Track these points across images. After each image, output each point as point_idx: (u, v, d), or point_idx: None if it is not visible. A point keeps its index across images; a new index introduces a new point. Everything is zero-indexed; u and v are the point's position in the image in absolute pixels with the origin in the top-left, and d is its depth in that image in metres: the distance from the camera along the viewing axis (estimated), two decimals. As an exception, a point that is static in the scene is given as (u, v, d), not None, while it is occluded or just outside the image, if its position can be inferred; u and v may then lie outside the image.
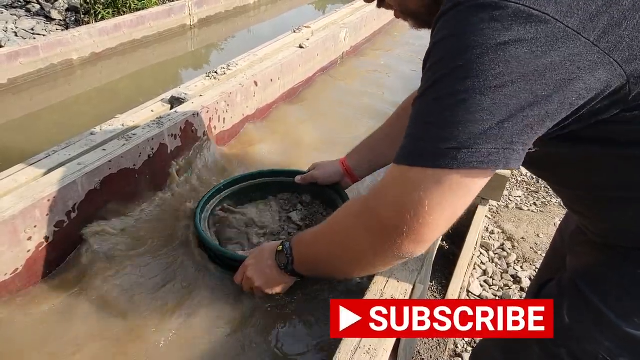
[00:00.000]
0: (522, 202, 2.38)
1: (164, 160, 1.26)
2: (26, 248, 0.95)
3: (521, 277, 1.90)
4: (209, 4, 3.79)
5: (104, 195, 1.09)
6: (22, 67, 2.32)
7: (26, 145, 1.95)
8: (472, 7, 0.50)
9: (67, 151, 1.13)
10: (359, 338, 0.69)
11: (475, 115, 0.50)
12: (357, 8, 2.76)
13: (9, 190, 0.98)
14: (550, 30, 0.48)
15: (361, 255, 0.69)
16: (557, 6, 0.48)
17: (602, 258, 0.70)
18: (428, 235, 0.58)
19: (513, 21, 0.48)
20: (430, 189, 0.55)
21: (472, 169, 0.53)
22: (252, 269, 0.87)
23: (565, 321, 0.69)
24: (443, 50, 0.53)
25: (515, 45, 0.48)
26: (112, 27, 2.85)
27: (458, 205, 0.57)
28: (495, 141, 0.51)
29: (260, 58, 1.84)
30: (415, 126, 0.57)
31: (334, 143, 1.59)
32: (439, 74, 0.53)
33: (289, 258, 0.81)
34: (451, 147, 0.52)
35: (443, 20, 0.54)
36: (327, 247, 0.76)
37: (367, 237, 0.65)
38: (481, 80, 0.50)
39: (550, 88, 0.50)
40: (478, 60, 0.49)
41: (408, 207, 0.57)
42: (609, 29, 0.48)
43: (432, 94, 0.54)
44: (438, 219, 0.57)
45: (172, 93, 1.47)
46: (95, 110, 2.33)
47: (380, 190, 0.63)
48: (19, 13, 3.68)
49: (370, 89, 2.12)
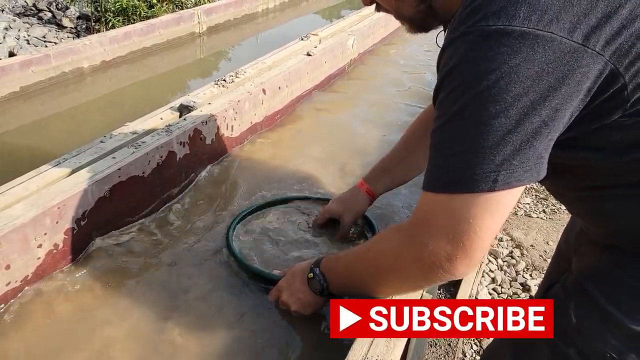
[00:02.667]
0: (531, 209, 2.36)
1: (173, 168, 1.27)
2: (36, 255, 0.96)
3: (530, 285, 1.89)
4: (218, 12, 3.83)
5: (113, 203, 1.10)
6: (34, 75, 2.35)
7: (36, 150, 1.98)
8: (480, 35, 0.53)
9: (78, 159, 1.14)
10: (366, 348, 0.69)
11: (504, 137, 0.53)
12: (365, 15, 2.77)
13: (20, 198, 0.99)
14: (557, 47, 0.50)
15: (409, 284, 0.71)
16: (560, 24, 0.50)
17: (606, 258, 0.71)
18: (479, 256, 0.61)
19: (521, 44, 0.50)
20: (479, 214, 0.57)
21: (512, 188, 0.55)
22: (286, 293, 0.89)
23: (572, 321, 0.70)
24: (458, 79, 0.56)
25: (527, 66, 0.51)
26: (123, 35, 2.88)
27: (502, 222, 0.60)
28: (528, 159, 0.54)
29: (268, 66, 1.86)
30: (444, 155, 0.59)
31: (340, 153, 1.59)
32: (460, 102, 0.55)
33: (323, 284, 0.83)
34: (490, 171, 0.54)
35: (452, 48, 0.56)
36: (369, 275, 0.76)
37: (419, 269, 0.65)
38: (502, 104, 0.52)
39: (566, 100, 0.53)
40: (495, 85, 0.52)
41: (461, 236, 0.58)
42: (611, 39, 0.51)
43: (455, 122, 0.56)
44: (487, 239, 0.59)
45: (181, 101, 1.48)
46: (104, 117, 2.35)
47: (424, 222, 0.64)
48: (31, 21, 3.74)
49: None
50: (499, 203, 0.57)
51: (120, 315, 0.92)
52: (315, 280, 0.84)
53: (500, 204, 0.57)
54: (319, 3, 5.50)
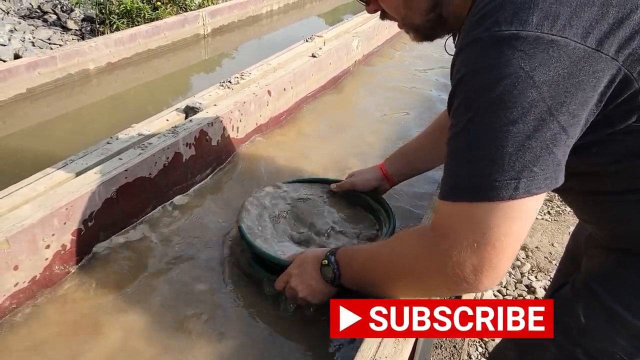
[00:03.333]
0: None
1: (179, 169, 1.27)
2: (44, 256, 0.96)
3: (535, 287, 1.88)
4: (222, 13, 3.83)
5: (120, 204, 1.10)
6: (40, 77, 2.36)
7: (43, 151, 1.98)
8: (494, 40, 0.52)
9: (84, 160, 1.15)
10: (374, 349, 0.69)
11: (523, 144, 0.52)
12: (369, 17, 2.77)
13: (28, 199, 0.99)
14: (572, 51, 0.50)
15: (428, 291, 0.70)
16: (574, 29, 0.50)
17: (614, 260, 0.71)
18: (505, 267, 0.59)
19: (535, 49, 0.50)
20: (502, 222, 0.55)
21: (533, 195, 0.54)
22: (296, 279, 0.87)
23: (581, 321, 0.70)
24: (473, 86, 0.55)
25: (542, 71, 0.50)
26: (128, 37, 2.89)
27: (526, 229, 0.58)
28: (548, 166, 0.53)
29: (273, 67, 1.86)
30: (461, 163, 0.57)
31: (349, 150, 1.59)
32: (475, 109, 0.55)
33: (336, 273, 0.82)
34: (510, 179, 0.53)
35: (464, 55, 0.56)
36: (387, 276, 0.75)
37: (443, 280, 0.63)
38: (519, 109, 0.52)
39: (583, 105, 0.52)
40: (511, 91, 0.51)
41: (485, 246, 0.57)
42: (624, 44, 0.51)
43: (472, 129, 0.56)
44: (513, 249, 0.58)
45: (186, 102, 1.49)
46: (110, 118, 2.36)
47: (447, 233, 0.61)
48: (36, 23, 3.76)
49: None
50: (521, 210, 0.55)
51: (126, 316, 0.93)
52: (329, 268, 0.82)
53: (522, 210, 0.55)
54: (323, 5, 5.50)
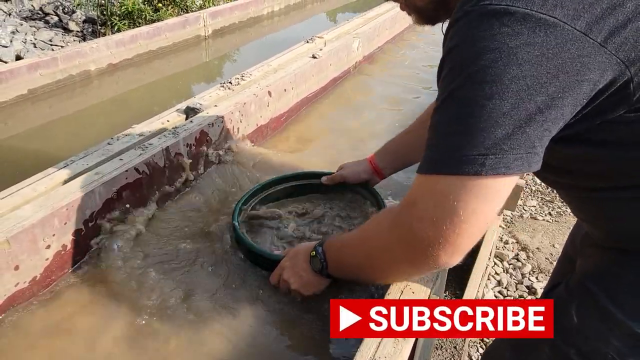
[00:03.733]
0: (537, 212, 2.35)
1: (180, 170, 1.28)
2: (44, 256, 0.96)
3: (536, 287, 1.88)
4: (223, 15, 3.84)
5: (120, 204, 1.11)
6: (42, 78, 2.37)
7: (44, 152, 1.99)
8: (482, 14, 0.52)
9: (85, 161, 1.15)
10: (373, 350, 0.69)
11: (497, 120, 0.51)
12: (370, 18, 2.78)
13: (28, 199, 1.00)
14: (559, 32, 0.49)
15: (396, 268, 0.70)
16: (564, 10, 0.49)
17: (609, 259, 0.71)
18: (464, 245, 0.58)
19: (522, 26, 0.49)
20: (463, 197, 0.55)
21: (500, 175, 0.53)
22: (288, 271, 0.89)
23: (574, 321, 0.70)
24: (457, 58, 0.55)
25: (527, 49, 0.50)
26: (129, 39, 2.90)
27: (490, 211, 0.57)
28: (520, 146, 0.52)
29: (274, 68, 1.86)
30: (438, 136, 0.57)
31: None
32: (456, 81, 0.54)
33: (323, 263, 0.83)
34: (478, 154, 0.52)
35: (455, 29, 0.56)
36: (361, 256, 0.76)
37: (403, 251, 0.64)
38: (498, 85, 0.51)
39: (564, 89, 0.51)
40: (493, 65, 0.51)
41: (443, 219, 0.56)
42: (614, 31, 0.50)
43: (451, 102, 0.55)
44: (473, 227, 0.57)
45: (187, 103, 1.49)
46: (111, 119, 2.37)
47: (411, 203, 0.62)
48: (38, 25, 3.77)
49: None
50: (488, 189, 0.54)
51: (128, 316, 0.93)
52: (317, 258, 0.84)
53: (489, 189, 0.54)
54: (323, 6, 5.51)
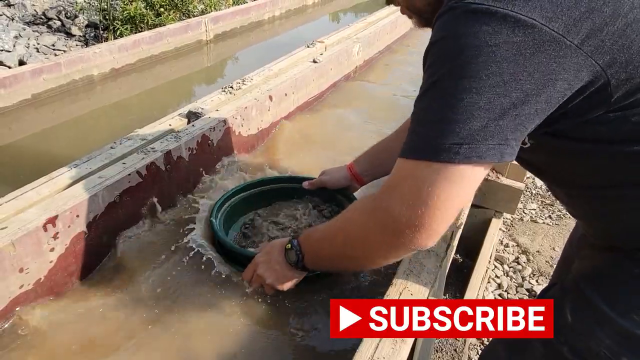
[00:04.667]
0: (537, 215, 2.36)
1: (182, 173, 1.29)
2: (48, 259, 0.98)
3: (537, 290, 1.89)
4: (225, 20, 3.87)
5: (123, 208, 1.12)
6: (45, 82, 2.39)
7: (47, 156, 2.01)
8: (466, 11, 0.55)
9: (88, 165, 1.17)
10: (372, 350, 0.70)
11: (473, 112, 0.55)
12: (370, 22, 2.79)
13: (33, 203, 1.01)
14: (537, 33, 0.52)
15: (374, 251, 0.71)
16: (543, 12, 0.52)
17: (602, 259, 0.73)
18: (439, 227, 0.61)
19: (502, 25, 0.52)
20: (438, 182, 0.58)
21: (473, 163, 0.57)
22: (263, 266, 0.90)
23: (568, 320, 0.72)
24: (440, 52, 0.58)
25: (505, 47, 0.52)
26: (132, 44, 2.92)
27: (463, 196, 0.61)
28: (492, 138, 0.55)
29: (274, 73, 1.88)
30: (419, 123, 0.61)
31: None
32: (438, 74, 0.57)
33: (299, 255, 0.84)
34: (454, 143, 0.56)
35: (439, 22, 0.59)
36: (339, 244, 0.77)
37: (380, 233, 0.66)
38: (476, 80, 0.54)
39: (538, 87, 0.54)
40: (472, 61, 0.54)
41: (419, 202, 0.60)
42: (591, 34, 0.53)
43: (432, 92, 0.58)
44: (447, 210, 0.60)
45: (189, 108, 1.51)
46: (113, 124, 2.39)
47: (390, 186, 0.65)
48: (41, 29, 3.80)
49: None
50: (461, 176, 0.58)
51: (131, 318, 0.94)
52: (292, 251, 0.85)
53: (462, 177, 0.58)
54: (323, 10, 5.54)
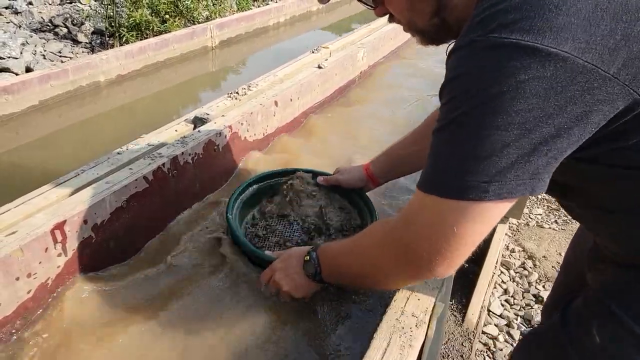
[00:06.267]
0: (543, 220, 2.35)
1: (188, 179, 1.30)
2: (56, 264, 0.98)
3: (543, 296, 1.87)
4: (230, 26, 3.89)
5: (129, 213, 1.12)
6: (53, 89, 2.42)
7: (54, 161, 2.02)
8: (490, 46, 0.52)
9: (96, 170, 1.17)
10: (379, 356, 0.70)
11: (502, 150, 0.52)
12: (374, 28, 2.80)
13: (41, 208, 1.02)
14: (569, 66, 0.49)
15: (391, 278, 0.72)
16: (575, 43, 0.49)
17: (628, 276, 0.70)
18: (460, 259, 0.61)
19: (531, 60, 0.49)
20: (462, 220, 0.57)
21: (502, 200, 0.55)
22: (280, 273, 0.91)
23: (596, 341, 0.69)
24: (463, 86, 0.55)
25: (535, 82, 0.50)
26: (138, 50, 2.95)
27: (486, 232, 0.59)
28: (523, 174, 0.53)
29: (280, 78, 1.89)
30: (441, 158, 0.59)
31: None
32: (462, 109, 0.55)
33: (317, 268, 0.85)
34: (482, 181, 0.54)
35: (459, 56, 0.56)
36: (356, 265, 0.78)
37: (399, 264, 0.67)
38: (504, 117, 0.51)
39: (571, 121, 0.51)
40: (500, 98, 0.51)
41: (440, 239, 0.59)
42: (628, 62, 0.50)
43: (456, 128, 0.56)
44: (469, 246, 0.60)
45: (195, 113, 1.51)
46: (120, 129, 2.41)
47: (409, 220, 0.64)
48: (47, 37, 3.84)
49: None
50: (486, 214, 0.56)
51: (138, 323, 0.94)
52: (311, 263, 0.86)
53: (487, 215, 0.56)
54: (328, 17, 5.56)
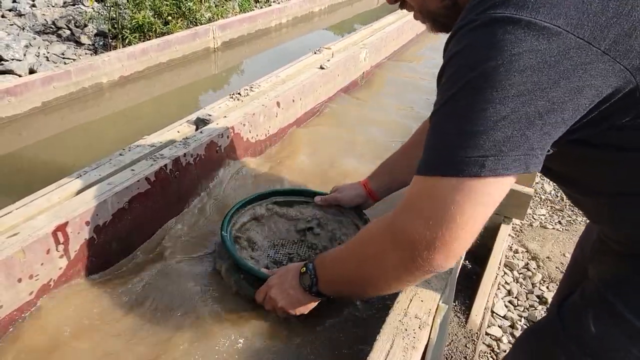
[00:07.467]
0: (547, 221, 2.34)
1: (190, 180, 1.29)
2: (58, 265, 0.98)
3: (547, 297, 1.86)
4: (232, 27, 3.89)
5: (131, 214, 1.12)
6: (55, 90, 2.42)
7: (57, 163, 2.02)
8: (486, 22, 0.53)
9: (98, 171, 1.17)
10: (383, 358, 0.69)
11: (497, 123, 0.53)
12: (377, 29, 2.80)
13: (43, 209, 1.02)
14: (562, 41, 0.50)
15: (390, 273, 0.69)
16: (568, 19, 0.50)
17: (627, 266, 0.70)
18: (460, 248, 0.59)
19: (526, 33, 0.51)
20: (462, 200, 0.56)
21: (498, 176, 0.54)
22: (276, 289, 0.88)
23: (592, 331, 0.69)
24: (459, 63, 0.56)
25: (529, 55, 0.51)
26: (140, 52, 2.95)
27: (486, 214, 0.58)
28: (518, 148, 0.53)
29: (282, 79, 1.88)
30: (437, 137, 0.58)
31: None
32: (457, 85, 0.55)
33: (313, 279, 0.82)
34: (477, 156, 0.54)
35: (458, 35, 0.57)
36: (354, 266, 0.75)
37: (397, 254, 0.64)
38: (499, 90, 0.52)
39: (565, 95, 0.52)
40: (494, 71, 0.52)
41: (441, 222, 0.57)
42: (619, 39, 0.51)
43: (452, 105, 0.56)
44: (470, 229, 0.58)
45: (197, 114, 1.51)
46: (122, 130, 2.41)
47: (407, 205, 0.63)
48: (50, 38, 3.85)
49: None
50: (484, 192, 0.55)
51: (140, 324, 0.94)
52: (307, 275, 0.82)
53: (485, 193, 0.55)
54: (330, 18, 5.56)
